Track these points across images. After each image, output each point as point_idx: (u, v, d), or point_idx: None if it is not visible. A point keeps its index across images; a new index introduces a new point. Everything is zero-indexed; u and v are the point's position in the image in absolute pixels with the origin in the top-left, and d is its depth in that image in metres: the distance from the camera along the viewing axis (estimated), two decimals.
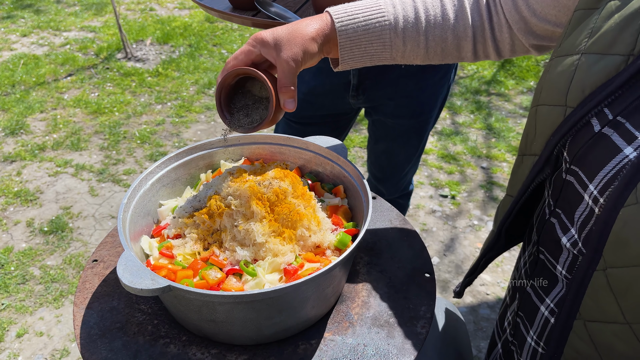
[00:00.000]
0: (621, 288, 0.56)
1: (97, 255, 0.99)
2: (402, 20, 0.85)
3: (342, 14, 0.85)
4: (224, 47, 4.47)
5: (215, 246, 0.86)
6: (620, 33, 0.60)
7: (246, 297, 0.71)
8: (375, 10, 0.85)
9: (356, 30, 0.85)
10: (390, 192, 1.92)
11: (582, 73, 0.62)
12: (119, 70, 3.95)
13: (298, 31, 0.82)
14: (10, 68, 3.92)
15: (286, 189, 0.88)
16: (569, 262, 0.66)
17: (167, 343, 0.81)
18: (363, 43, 0.86)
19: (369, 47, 0.87)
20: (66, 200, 2.69)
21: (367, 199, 0.88)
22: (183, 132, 3.28)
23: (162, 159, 0.99)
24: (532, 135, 0.73)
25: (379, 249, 1.00)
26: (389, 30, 0.85)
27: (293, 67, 0.81)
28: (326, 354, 0.80)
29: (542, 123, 0.69)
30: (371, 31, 0.85)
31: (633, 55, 0.58)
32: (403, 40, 0.87)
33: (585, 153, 0.62)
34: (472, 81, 3.95)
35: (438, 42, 0.87)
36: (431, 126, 1.69)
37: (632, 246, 0.54)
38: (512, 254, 2.45)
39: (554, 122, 0.66)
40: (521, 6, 0.82)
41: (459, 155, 3.12)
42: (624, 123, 0.58)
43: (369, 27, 0.85)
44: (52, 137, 3.18)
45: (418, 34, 0.86)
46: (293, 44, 0.81)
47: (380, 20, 0.85)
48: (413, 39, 0.87)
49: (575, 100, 0.63)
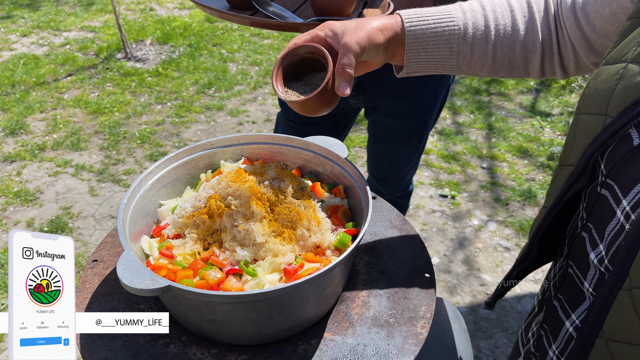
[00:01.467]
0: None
1: (97, 255, 0.99)
2: (471, 28, 0.84)
3: (412, 16, 0.84)
4: (224, 47, 4.47)
5: (215, 246, 0.86)
6: None
7: (246, 297, 0.71)
8: (445, 15, 0.84)
9: (425, 32, 0.83)
10: (391, 192, 1.92)
11: (626, 82, 0.60)
12: (119, 70, 3.95)
13: (366, 21, 0.82)
14: (10, 68, 3.92)
15: (286, 189, 0.88)
16: (596, 279, 0.63)
17: (167, 343, 0.82)
18: (430, 47, 0.84)
19: (436, 51, 0.85)
20: (66, 200, 2.69)
21: (367, 199, 0.88)
22: (183, 132, 3.28)
23: (162, 159, 0.98)
24: (570, 145, 0.70)
25: (379, 249, 1.00)
26: (458, 37, 0.84)
27: (355, 50, 0.79)
28: (326, 354, 0.80)
29: (582, 132, 0.66)
30: (439, 35, 0.84)
31: None
32: (471, 49, 0.85)
33: (622, 167, 0.59)
34: (473, 81, 3.95)
35: (506, 53, 0.86)
36: (431, 126, 1.69)
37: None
38: (512, 254, 2.45)
39: (593, 132, 0.63)
40: (582, 22, 0.80)
41: (459, 155, 3.12)
42: None
43: (438, 31, 0.83)
44: (52, 137, 3.18)
45: (487, 44, 0.85)
46: (359, 30, 0.80)
47: (450, 25, 0.83)
48: (481, 48, 0.85)
49: (616, 110, 0.60)
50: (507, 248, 2.47)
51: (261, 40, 4.64)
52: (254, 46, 4.49)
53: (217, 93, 3.74)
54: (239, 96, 3.71)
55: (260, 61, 4.22)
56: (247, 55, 4.33)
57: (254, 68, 4.13)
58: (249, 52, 4.38)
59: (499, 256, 2.43)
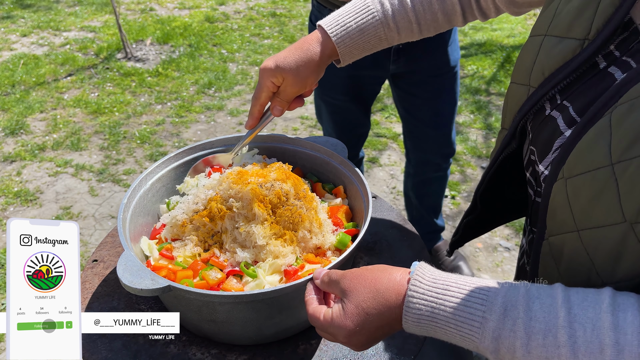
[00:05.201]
0: (557, 254, 0.60)
1: (97, 255, 0.99)
2: (390, 14, 0.89)
3: (335, 27, 0.89)
4: (224, 47, 4.47)
5: (215, 247, 0.86)
6: (577, 17, 0.61)
7: (246, 297, 0.71)
8: (363, 10, 0.89)
9: (352, 37, 0.89)
10: (436, 152, 1.91)
11: (543, 54, 0.65)
12: (119, 70, 3.95)
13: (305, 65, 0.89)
14: (10, 68, 3.92)
15: (288, 191, 0.88)
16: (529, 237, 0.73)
17: (167, 343, 0.82)
18: (360, 44, 0.91)
19: (367, 44, 0.91)
20: (66, 200, 2.69)
21: (367, 199, 0.88)
22: (183, 132, 3.28)
23: (162, 159, 0.98)
24: (505, 111, 0.76)
25: (379, 249, 1.00)
26: (382, 26, 0.90)
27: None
28: (326, 354, 0.80)
29: (511, 100, 0.72)
30: (365, 32, 0.90)
31: (588, 39, 0.59)
32: (397, 31, 0.91)
33: (537, 134, 0.65)
34: (472, 81, 3.95)
35: (430, 23, 0.92)
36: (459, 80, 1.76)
37: (558, 215, 0.58)
38: (513, 254, 2.45)
39: (520, 100, 0.69)
40: None
41: (459, 155, 3.12)
42: (568, 107, 0.61)
43: (363, 29, 0.89)
44: (52, 137, 3.17)
45: (410, 23, 0.91)
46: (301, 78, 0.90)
47: (371, 20, 0.89)
48: (406, 28, 0.91)
49: (536, 81, 0.65)
50: (507, 248, 2.47)
51: (261, 40, 4.64)
52: (254, 46, 4.49)
53: (217, 93, 3.74)
54: (239, 96, 3.71)
55: (260, 61, 4.22)
56: (247, 55, 4.33)
57: (254, 68, 4.13)
58: (249, 52, 4.38)
59: (499, 256, 2.42)
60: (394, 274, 0.61)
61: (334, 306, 0.63)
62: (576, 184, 0.55)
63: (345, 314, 0.61)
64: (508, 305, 0.52)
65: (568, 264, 0.59)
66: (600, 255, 0.54)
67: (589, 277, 0.56)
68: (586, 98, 0.59)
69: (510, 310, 0.52)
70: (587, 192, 0.54)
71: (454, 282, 0.57)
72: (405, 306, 0.57)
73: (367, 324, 0.60)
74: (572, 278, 0.59)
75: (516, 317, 0.51)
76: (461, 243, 0.97)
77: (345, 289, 0.63)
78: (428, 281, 0.58)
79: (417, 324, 0.58)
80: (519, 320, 0.51)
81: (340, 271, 0.66)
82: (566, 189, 0.57)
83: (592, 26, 0.59)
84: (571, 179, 0.56)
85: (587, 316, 0.49)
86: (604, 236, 0.53)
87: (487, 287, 0.55)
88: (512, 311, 0.52)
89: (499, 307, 0.52)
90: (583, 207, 0.55)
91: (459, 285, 0.56)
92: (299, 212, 0.86)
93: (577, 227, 0.56)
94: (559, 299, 0.51)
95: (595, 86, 0.59)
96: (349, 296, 0.62)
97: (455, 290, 0.56)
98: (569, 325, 0.49)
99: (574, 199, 0.56)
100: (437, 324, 0.56)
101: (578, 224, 0.56)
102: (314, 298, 0.68)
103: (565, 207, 0.57)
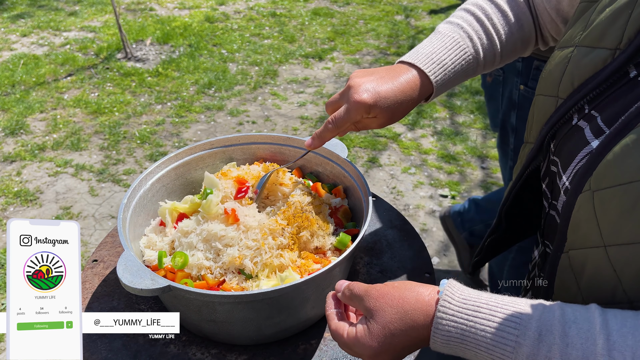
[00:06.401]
0: (578, 268, 0.58)
1: (97, 255, 0.99)
2: (481, 50, 0.87)
3: (434, 67, 0.84)
4: (224, 47, 4.47)
5: None
6: (609, 26, 0.60)
7: (246, 297, 0.71)
8: (458, 50, 0.85)
9: (449, 77, 0.85)
10: None
11: (573, 65, 0.64)
12: (119, 70, 3.95)
13: (402, 110, 0.83)
14: (10, 68, 3.92)
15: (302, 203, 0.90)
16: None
17: (167, 343, 0.82)
18: (451, 84, 0.87)
19: (456, 82, 0.88)
20: (66, 200, 2.69)
21: (367, 199, 0.88)
22: (183, 132, 3.28)
23: (162, 159, 0.98)
24: (530, 124, 0.75)
25: (379, 249, 1.00)
26: (474, 64, 0.87)
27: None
28: (326, 354, 0.80)
29: (538, 112, 0.71)
30: (459, 71, 0.86)
31: (619, 49, 0.59)
32: (483, 67, 0.90)
33: (562, 144, 0.64)
34: (472, 81, 3.94)
35: (511, 56, 0.91)
36: None
37: (582, 229, 0.56)
38: None
39: (547, 112, 0.68)
40: (548, 10, 0.85)
41: (459, 155, 3.12)
42: (596, 117, 0.60)
43: (457, 68, 0.86)
44: (52, 137, 3.17)
45: (495, 56, 0.89)
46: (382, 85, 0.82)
47: (465, 59, 0.86)
48: (490, 62, 0.90)
49: (565, 92, 0.64)
50: None
51: (261, 40, 4.64)
52: (254, 46, 4.49)
53: (217, 93, 3.74)
54: (239, 96, 3.71)
55: (260, 61, 4.22)
56: (247, 55, 4.33)
57: (254, 68, 4.13)
58: (249, 52, 4.38)
59: None
60: (422, 292, 0.60)
61: (358, 325, 0.62)
62: (605, 197, 0.53)
63: (372, 334, 0.60)
64: (543, 330, 0.51)
65: (590, 279, 0.57)
66: (629, 272, 0.51)
67: (614, 294, 0.54)
68: (615, 108, 0.58)
69: (546, 335, 0.50)
70: (618, 206, 0.52)
71: (484, 302, 0.55)
72: (434, 327, 0.56)
73: (394, 345, 0.59)
74: (594, 293, 0.56)
75: (552, 342, 0.49)
76: (483, 263, 0.95)
77: (370, 309, 0.61)
78: (458, 302, 0.56)
79: (445, 345, 0.56)
80: (554, 347, 0.49)
81: (363, 285, 0.64)
82: (593, 202, 0.54)
83: (624, 35, 0.58)
84: (599, 191, 0.54)
85: (626, 344, 0.47)
86: (635, 253, 0.50)
87: (520, 308, 0.53)
88: (547, 336, 0.50)
89: (534, 332, 0.51)
90: (612, 222, 0.52)
91: (490, 306, 0.55)
92: (307, 217, 0.87)
93: (605, 243, 0.53)
94: (596, 324, 0.49)
95: (624, 95, 0.57)
96: (375, 316, 0.60)
97: (486, 312, 0.54)
98: (607, 354, 0.47)
99: (602, 213, 0.53)
100: (466, 346, 0.55)
101: (605, 239, 0.53)
102: (335, 312, 0.66)
103: (591, 220, 0.55)
